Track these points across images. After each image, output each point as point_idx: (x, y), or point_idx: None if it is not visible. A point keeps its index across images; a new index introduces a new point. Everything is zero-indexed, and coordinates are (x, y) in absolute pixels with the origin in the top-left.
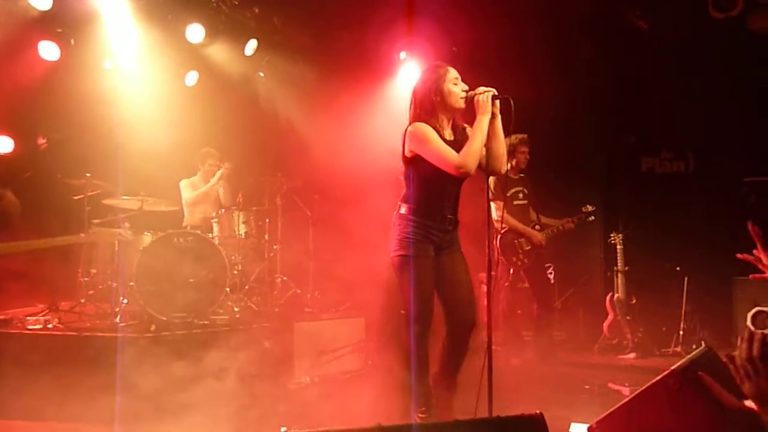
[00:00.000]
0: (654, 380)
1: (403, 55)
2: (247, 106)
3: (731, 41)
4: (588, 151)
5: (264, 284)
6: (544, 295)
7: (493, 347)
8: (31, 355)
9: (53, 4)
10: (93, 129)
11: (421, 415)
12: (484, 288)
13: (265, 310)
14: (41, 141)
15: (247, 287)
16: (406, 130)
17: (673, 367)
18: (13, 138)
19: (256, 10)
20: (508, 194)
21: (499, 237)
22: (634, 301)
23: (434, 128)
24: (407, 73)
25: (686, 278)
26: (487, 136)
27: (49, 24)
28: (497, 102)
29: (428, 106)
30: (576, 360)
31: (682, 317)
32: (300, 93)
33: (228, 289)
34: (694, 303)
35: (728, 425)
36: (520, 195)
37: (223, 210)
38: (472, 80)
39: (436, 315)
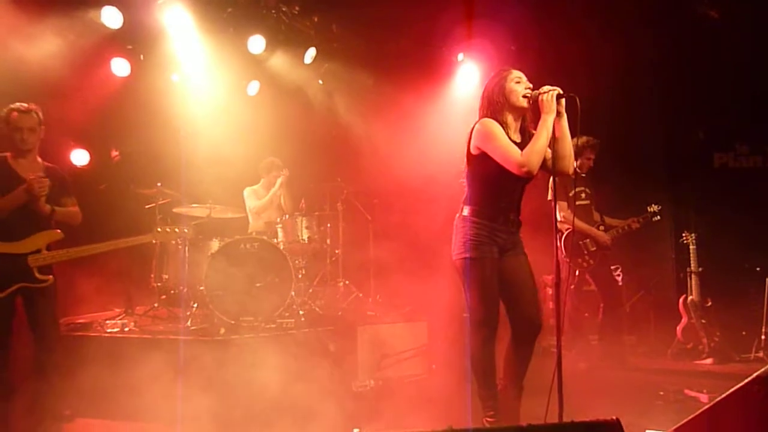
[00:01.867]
0: (736, 387)
1: (461, 56)
2: (307, 114)
3: None
4: (655, 148)
5: (327, 288)
6: (611, 298)
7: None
8: (109, 357)
9: (124, 22)
10: (162, 140)
11: (488, 419)
12: (550, 291)
13: (329, 314)
14: (114, 153)
15: (311, 291)
16: (473, 127)
17: (757, 373)
18: (88, 151)
19: (316, 19)
20: (570, 195)
21: (563, 238)
22: (709, 304)
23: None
24: (465, 74)
25: (767, 279)
26: (553, 135)
27: (120, 41)
28: (562, 101)
29: (495, 106)
30: (648, 365)
31: (764, 320)
32: (358, 99)
33: (293, 293)
34: None
35: None
36: (583, 195)
37: (286, 216)
38: (535, 81)
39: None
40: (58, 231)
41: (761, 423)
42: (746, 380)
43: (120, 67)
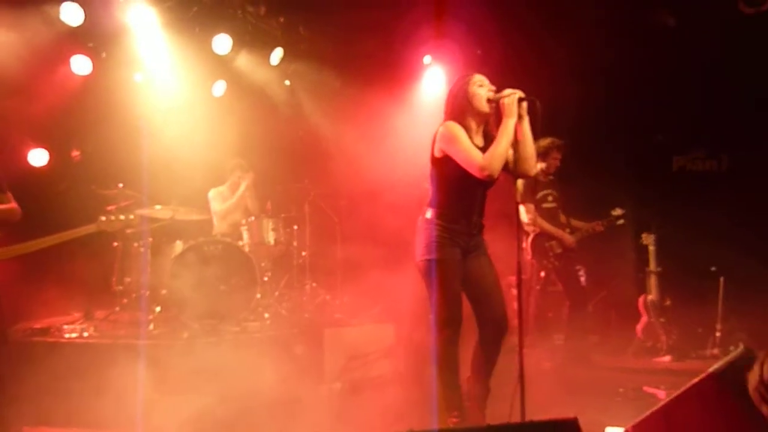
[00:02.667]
0: (691, 383)
1: (427, 59)
2: (273, 115)
3: (761, 37)
4: (617, 151)
5: (293, 290)
6: (576, 298)
7: (525, 350)
8: (68, 363)
9: (85, 19)
10: (125, 140)
11: (453, 420)
12: (514, 291)
13: (295, 316)
14: (75, 153)
15: (277, 293)
16: (437, 130)
17: (710, 370)
18: (48, 151)
19: (282, 20)
20: (537, 197)
21: (530, 240)
22: (668, 303)
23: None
24: (432, 77)
25: (722, 278)
26: (515, 138)
27: (81, 39)
28: (524, 104)
29: (458, 109)
30: (609, 363)
31: (719, 318)
32: (326, 100)
33: (258, 295)
34: (730, 304)
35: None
36: (549, 198)
37: (252, 218)
38: (498, 84)
39: (466, 319)
40: None
41: (715, 417)
42: (701, 376)
43: (81, 65)
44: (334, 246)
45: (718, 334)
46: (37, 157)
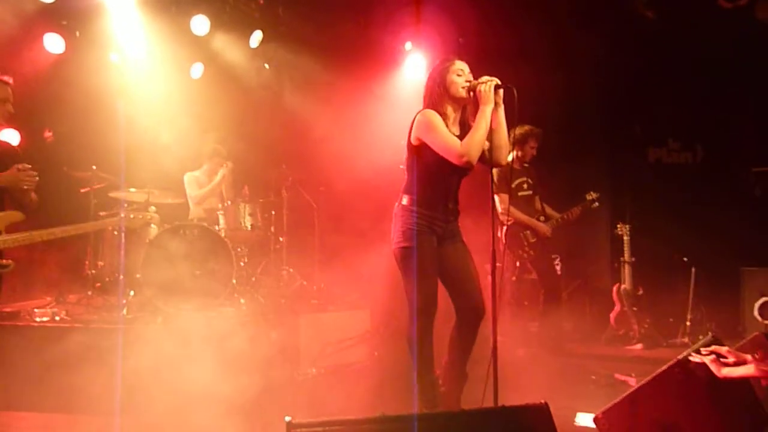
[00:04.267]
0: (659, 370)
1: (408, 46)
2: (252, 98)
3: (739, 31)
4: (593, 141)
5: (270, 276)
6: (551, 287)
7: (500, 338)
8: (39, 348)
9: None
10: (99, 122)
11: (427, 406)
12: (489, 279)
13: (271, 302)
14: (48, 134)
15: (253, 279)
16: (415, 117)
17: (678, 357)
18: (19, 131)
19: (261, 2)
20: (513, 185)
21: (504, 229)
22: (641, 292)
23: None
24: (413, 64)
25: (694, 269)
26: (490, 126)
27: (54, 16)
28: (500, 92)
29: (435, 97)
30: (583, 351)
31: (689, 308)
32: (305, 84)
33: (234, 281)
34: (701, 294)
35: (731, 413)
36: (525, 186)
37: (228, 202)
38: (477, 72)
39: (442, 306)
40: (19, 212)
41: (681, 401)
42: (668, 363)
43: (53, 43)
44: (311, 232)
45: (688, 323)
46: (9, 137)
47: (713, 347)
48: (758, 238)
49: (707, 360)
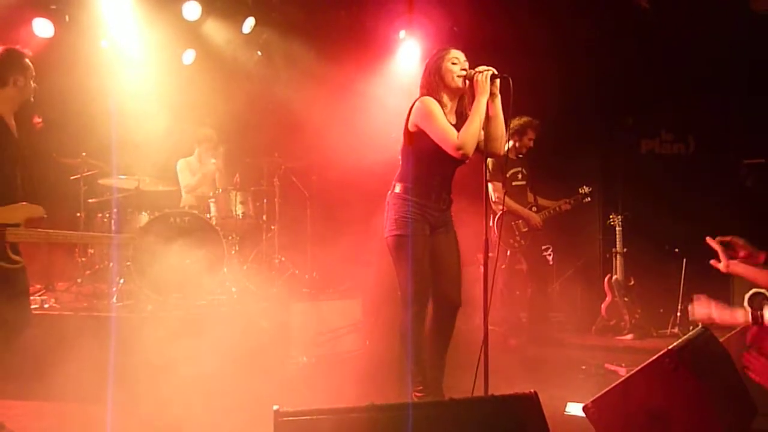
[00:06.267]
0: (650, 360)
1: (402, 34)
2: (244, 85)
3: (733, 21)
4: (587, 132)
5: (262, 265)
6: (541, 277)
7: (491, 328)
8: (27, 335)
9: None
10: (89, 108)
11: (417, 394)
12: (482, 269)
13: (263, 291)
14: (37, 120)
15: (245, 267)
16: (413, 104)
17: (669, 347)
18: None
19: None
20: (507, 175)
21: (496, 218)
22: (632, 283)
23: None
24: (407, 52)
25: (685, 260)
26: (486, 116)
27: (43, 0)
28: (497, 81)
29: (431, 85)
30: (574, 341)
31: (680, 298)
32: (298, 72)
33: (225, 269)
34: (692, 284)
35: (721, 403)
36: (519, 176)
37: (220, 190)
38: (471, 62)
39: None
40: (41, 207)
41: (670, 391)
42: (659, 353)
43: (42, 27)
44: (304, 220)
45: (678, 314)
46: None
47: (731, 238)
48: (749, 229)
49: (718, 248)
